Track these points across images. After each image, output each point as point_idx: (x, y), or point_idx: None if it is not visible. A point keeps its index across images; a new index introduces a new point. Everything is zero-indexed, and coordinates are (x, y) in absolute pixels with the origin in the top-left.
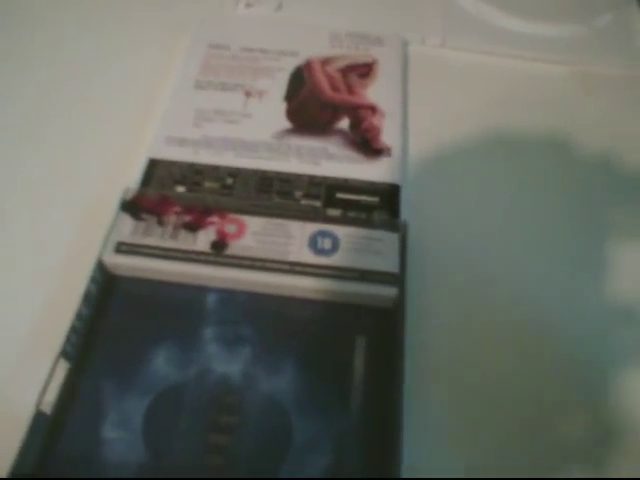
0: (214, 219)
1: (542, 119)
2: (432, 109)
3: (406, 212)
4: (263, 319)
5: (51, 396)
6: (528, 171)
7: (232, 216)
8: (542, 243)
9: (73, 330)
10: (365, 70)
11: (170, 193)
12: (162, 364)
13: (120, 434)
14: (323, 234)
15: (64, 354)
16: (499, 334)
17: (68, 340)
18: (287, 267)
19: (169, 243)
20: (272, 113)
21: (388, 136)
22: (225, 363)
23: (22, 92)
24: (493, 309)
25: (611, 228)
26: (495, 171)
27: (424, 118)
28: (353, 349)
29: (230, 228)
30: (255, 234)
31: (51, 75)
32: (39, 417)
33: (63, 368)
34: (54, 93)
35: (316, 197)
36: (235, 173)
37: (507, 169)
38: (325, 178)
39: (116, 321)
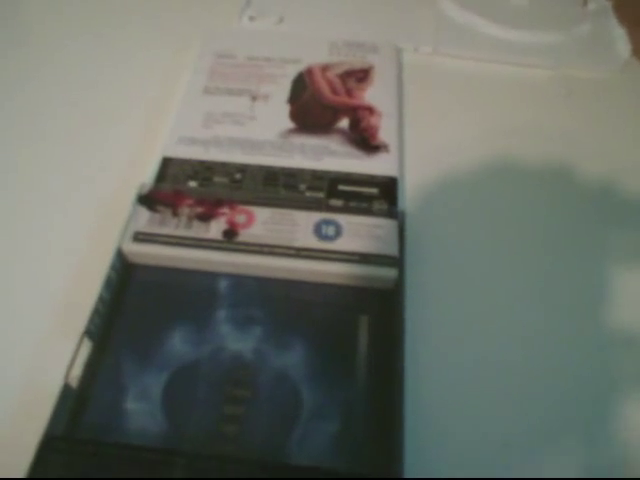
0: (225, 210)
1: (526, 119)
2: (425, 110)
3: (403, 202)
4: (272, 301)
5: (77, 371)
6: (514, 166)
7: (241, 207)
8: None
9: (96, 312)
10: (362, 75)
11: (183, 187)
12: (178, 343)
13: (141, 405)
14: (327, 222)
15: (88, 333)
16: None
17: (91, 321)
18: (294, 252)
19: (183, 232)
20: (276, 115)
21: (385, 134)
22: (237, 341)
23: (44, 95)
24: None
25: (607, 235)
26: (483, 164)
27: (418, 118)
28: (357, 327)
29: (240, 218)
30: (263, 223)
31: (72, 79)
32: (67, 389)
33: (87, 346)
34: (75, 97)
35: (319, 189)
36: (243, 169)
37: (495, 163)
38: (327, 172)
39: (135, 304)
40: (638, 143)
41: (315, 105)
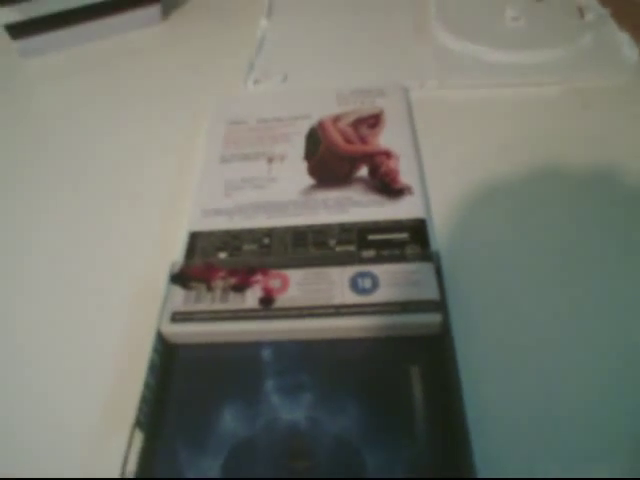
0: (258, 277)
1: (545, 138)
2: (442, 145)
3: (435, 243)
4: (318, 364)
5: (132, 465)
6: (544, 193)
7: (274, 272)
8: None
9: (143, 400)
10: (373, 121)
11: (214, 260)
12: (230, 421)
13: None
14: (362, 275)
15: (138, 424)
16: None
17: (140, 410)
18: (333, 310)
19: (220, 306)
20: (295, 173)
21: (406, 176)
22: (289, 411)
23: (60, 182)
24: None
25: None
26: (509, 190)
27: (436, 154)
28: (409, 379)
29: (274, 283)
30: (298, 285)
31: (87, 164)
32: None
33: (139, 437)
34: (91, 180)
35: (349, 242)
36: (270, 233)
37: (521, 187)
38: (355, 224)
39: (181, 386)
40: None
41: (332, 158)
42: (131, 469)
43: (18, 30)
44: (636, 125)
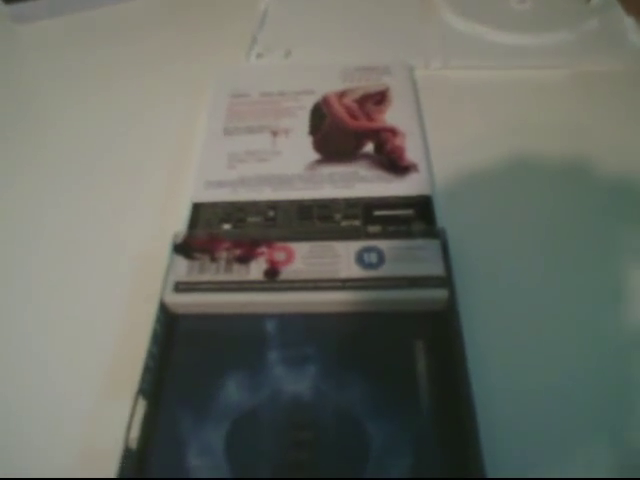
0: (263, 249)
1: (550, 119)
2: (447, 124)
3: (441, 220)
4: (323, 337)
5: (135, 432)
6: (546, 172)
7: (279, 244)
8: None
9: (146, 369)
10: (379, 97)
11: (218, 231)
12: (234, 391)
13: (204, 460)
14: (368, 249)
15: (142, 392)
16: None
17: (143, 378)
18: (339, 284)
19: (224, 276)
20: (300, 147)
21: (412, 153)
22: (293, 383)
23: (65, 155)
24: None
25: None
26: (514, 170)
27: (441, 133)
28: (414, 353)
29: (279, 256)
30: (304, 258)
31: (92, 137)
32: (128, 452)
33: (142, 405)
34: (97, 154)
35: (355, 217)
36: (275, 206)
37: (525, 166)
38: (360, 199)
39: (185, 356)
40: None
41: (337, 133)
42: (134, 435)
43: None
44: (638, 110)
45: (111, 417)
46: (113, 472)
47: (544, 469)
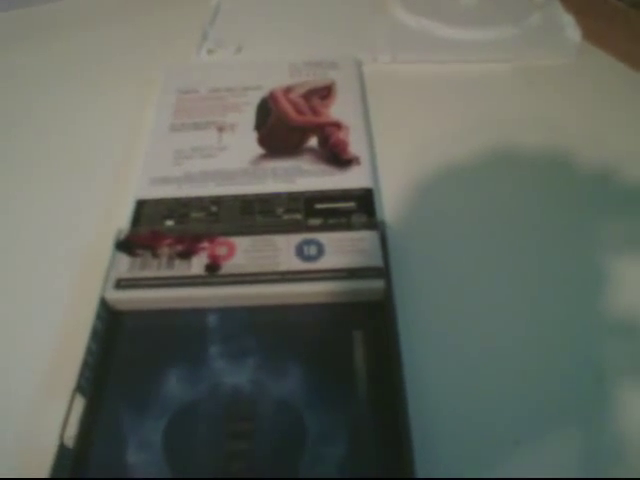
0: (205, 244)
1: (492, 113)
2: (392, 118)
3: (381, 212)
4: (263, 330)
5: (72, 430)
6: (489, 167)
7: (221, 239)
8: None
9: (85, 365)
10: (325, 92)
11: (160, 228)
12: (174, 386)
13: (143, 456)
14: (308, 242)
15: (79, 389)
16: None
17: (82, 375)
18: (279, 277)
19: (165, 272)
20: (245, 143)
21: (355, 147)
22: (234, 375)
23: (8, 150)
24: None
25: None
26: (457, 164)
27: (386, 127)
28: (352, 343)
29: (221, 250)
30: (245, 252)
31: (37, 130)
32: (63, 450)
33: (80, 402)
34: (42, 148)
35: (296, 211)
36: (218, 201)
37: (468, 161)
38: (302, 192)
39: (125, 353)
40: (601, 121)
41: (282, 128)
42: (70, 434)
43: None
44: (576, 103)
45: (50, 415)
46: (48, 471)
47: (475, 459)
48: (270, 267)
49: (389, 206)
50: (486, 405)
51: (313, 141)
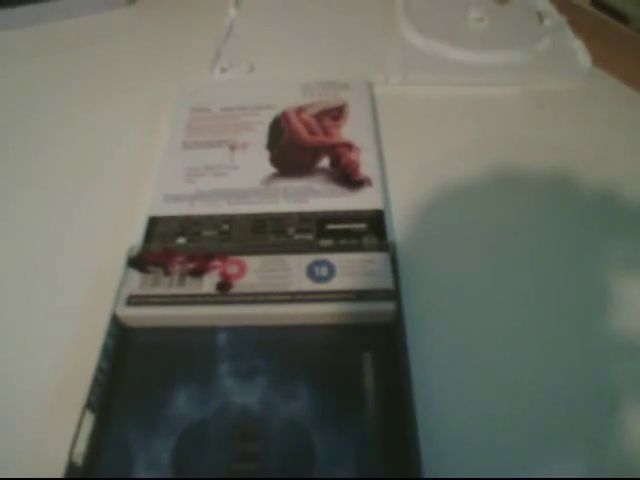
0: (216, 263)
1: (501, 135)
2: (403, 139)
3: (392, 234)
4: (273, 349)
5: (81, 447)
6: (499, 190)
7: (232, 258)
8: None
9: (95, 382)
10: (337, 113)
11: (172, 245)
12: (183, 404)
13: (151, 475)
14: (319, 263)
15: (89, 406)
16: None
17: (92, 392)
18: (289, 297)
19: (177, 290)
20: (257, 162)
21: (366, 168)
22: (242, 395)
23: (20, 167)
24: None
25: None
26: (467, 185)
27: (397, 148)
28: (361, 365)
29: (232, 269)
30: (256, 271)
31: (51, 147)
32: (72, 468)
33: (90, 419)
34: (55, 164)
35: (308, 231)
36: (230, 219)
37: (478, 182)
38: (314, 213)
39: (135, 370)
40: (608, 145)
41: (294, 148)
42: (80, 450)
43: None
44: (586, 127)
45: (59, 432)
46: None
47: None
48: (281, 287)
49: (400, 227)
50: (497, 429)
51: (325, 161)
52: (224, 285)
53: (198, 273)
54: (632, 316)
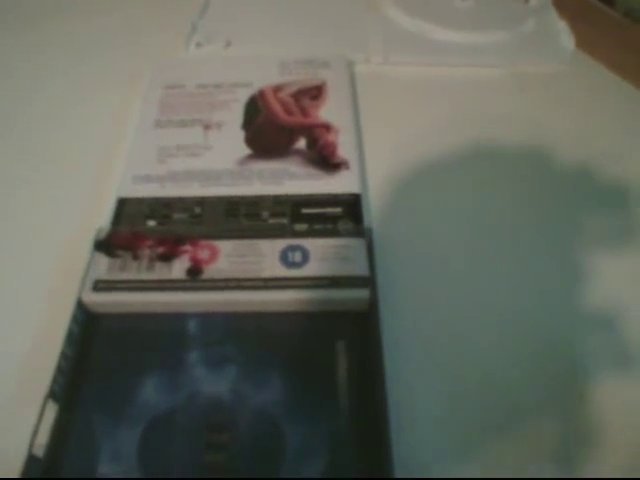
0: (187, 247)
1: (483, 118)
2: (383, 121)
3: (369, 219)
4: (245, 337)
5: (43, 439)
6: (480, 173)
7: (204, 242)
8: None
9: (59, 371)
10: (315, 92)
11: (141, 228)
12: (151, 393)
13: (116, 467)
14: (293, 248)
15: (52, 395)
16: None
17: (55, 381)
18: (262, 283)
19: (145, 275)
20: (232, 142)
21: (344, 150)
22: (213, 384)
23: None
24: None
25: (580, 229)
26: (447, 169)
27: (376, 130)
28: (334, 353)
29: (203, 254)
30: (228, 256)
31: (18, 122)
32: (32, 460)
33: (52, 409)
34: (22, 140)
35: (282, 215)
36: (202, 202)
37: (458, 166)
38: (289, 196)
39: (101, 357)
40: (594, 128)
41: (270, 128)
42: (41, 442)
43: None
44: (568, 110)
45: (22, 422)
46: None
47: (456, 472)
48: (253, 273)
49: (377, 212)
50: (470, 417)
51: (301, 142)
52: (194, 270)
53: (168, 258)
54: (604, 292)
